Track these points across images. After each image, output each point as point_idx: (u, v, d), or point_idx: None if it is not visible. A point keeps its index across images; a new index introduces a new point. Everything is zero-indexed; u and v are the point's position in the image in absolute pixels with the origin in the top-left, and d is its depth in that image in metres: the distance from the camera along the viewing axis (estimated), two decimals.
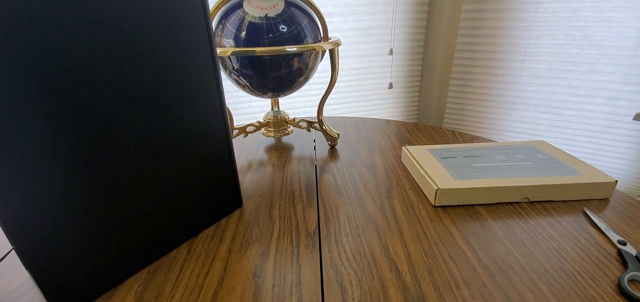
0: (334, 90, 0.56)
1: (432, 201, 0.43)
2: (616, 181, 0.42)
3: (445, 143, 0.62)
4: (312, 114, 1.22)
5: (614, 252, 0.33)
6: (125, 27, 0.26)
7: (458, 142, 0.63)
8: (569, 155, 0.49)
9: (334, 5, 1.11)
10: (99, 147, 0.26)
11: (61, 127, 0.24)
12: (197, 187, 0.36)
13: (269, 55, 0.46)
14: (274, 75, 0.49)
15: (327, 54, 0.52)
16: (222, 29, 0.47)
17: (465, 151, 0.52)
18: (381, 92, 1.31)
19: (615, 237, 0.35)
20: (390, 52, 1.18)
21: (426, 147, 0.54)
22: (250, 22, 0.45)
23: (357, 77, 1.26)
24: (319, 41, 0.50)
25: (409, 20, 1.23)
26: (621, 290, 0.29)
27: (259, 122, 0.64)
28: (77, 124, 0.25)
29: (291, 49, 0.45)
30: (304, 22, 0.48)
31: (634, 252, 0.33)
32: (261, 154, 0.61)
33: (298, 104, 1.17)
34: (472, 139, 0.64)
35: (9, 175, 0.22)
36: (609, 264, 0.32)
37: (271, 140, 0.68)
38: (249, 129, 0.64)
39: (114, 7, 0.25)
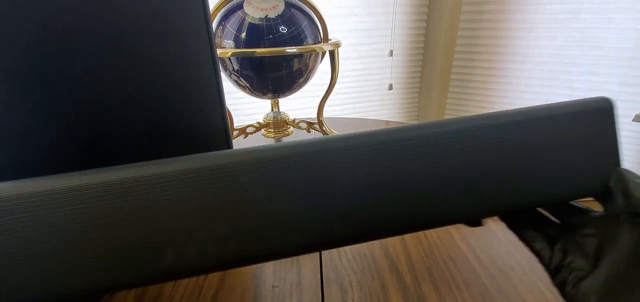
0: (334, 91, 0.56)
1: None
2: None
3: None
4: (312, 115, 1.22)
5: None
6: (123, 26, 0.26)
7: None
8: None
9: (334, 7, 1.11)
10: (94, 149, 0.26)
11: (55, 129, 0.24)
12: None
13: (269, 57, 0.46)
14: (274, 77, 0.49)
15: (327, 55, 0.52)
16: (223, 30, 0.47)
17: None
18: (381, 94, 1.31)
19: None
20: (390, 54, 1.18)
21: None
22: (250, 23, 0.45)
23: (357, 79, 1.26)
24: (319, 42, 0.50)
25: (408, 21, 1.24)
26: None
27: (258, 123, 0.64)
28: (72, 124, 0.25)
29: (291, 50, 0.45)
30: (304, 23, 0.48)
31: None
32: None
33: (298, 105, 1.17)
34: None
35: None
36: None
37: (271, 142, 0.68)
38: (249, 130, 0.64)
39: (112, 6, 0.25)
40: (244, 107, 1.14)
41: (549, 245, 0.20)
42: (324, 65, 0.55)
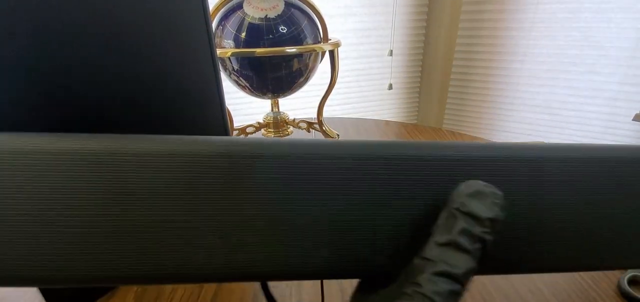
0: (333, 91, 0.56)
1: None
2: None
3: None
4: (311, 114, 1.22)
5: None
6: (122, 26, 0.26)
7: None
8: None
9: (334, 7, 1.11)
10: None
11: (54, 130, 0.24)
12: None
13: (268, 56, 0.46)
14: (274, 76, 0.49)
15: (327, 55, 0.52)
16: (222, 30, 0.47)
17: None
18: (381, 93, 1.31)
19: None
20: (390, 53, 1.18)
21: None
22: (250, 23, 0.45)
23: (357, 78, 1.26)
24: (319, 42, 0.50)
25: (408, 21, 1.23)
26: (621, 291, 0.29)
27: (258, 123, 0.64)
28: (71, 125, 0.25)
29: (291, 50, 0.45)
30: (304, 23, 0.48)
31: None
32: None
33: (298, 104, 1.17)
34: (472, 140, 0.64)
35: None
36: None
37: None
38: (248, 130, 0.64)
39: (112, 6, 0.25)
40: (244, 107, 1.14)
41: None
42: (324, 65, 0.55)
